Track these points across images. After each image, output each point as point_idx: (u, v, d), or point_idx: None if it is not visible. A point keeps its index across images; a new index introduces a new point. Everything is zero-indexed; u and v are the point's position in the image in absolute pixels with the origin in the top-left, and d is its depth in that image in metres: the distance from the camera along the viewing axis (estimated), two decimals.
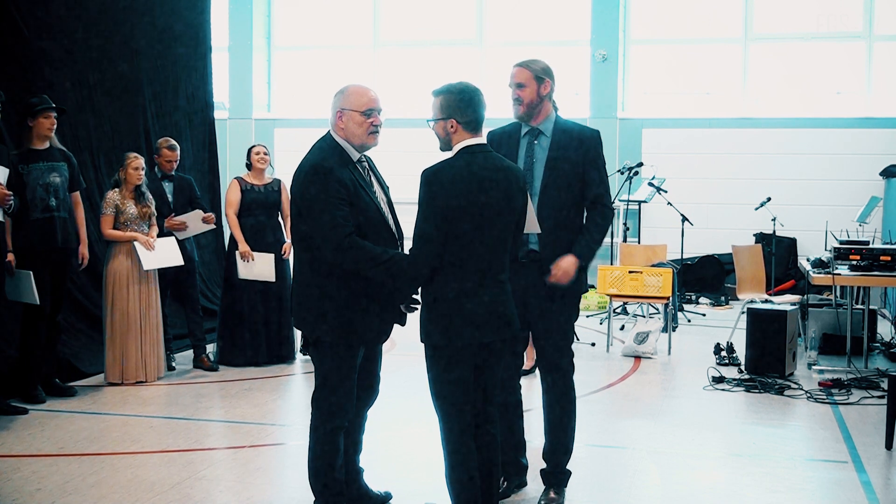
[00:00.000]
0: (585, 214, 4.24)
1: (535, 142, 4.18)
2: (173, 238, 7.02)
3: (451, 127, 3.65)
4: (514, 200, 3.68)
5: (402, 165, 12.71)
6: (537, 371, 6.79)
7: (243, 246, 7.35)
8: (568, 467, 4.36)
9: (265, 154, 7.57)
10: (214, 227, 7.64)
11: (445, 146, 3.72)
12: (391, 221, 3.90)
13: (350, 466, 4.13)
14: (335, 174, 3.67)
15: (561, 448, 4.29)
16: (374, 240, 3.74)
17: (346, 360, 3.81)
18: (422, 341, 3.69)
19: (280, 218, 7.62)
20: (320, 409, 3.84)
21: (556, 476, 4.31)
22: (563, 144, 4.15)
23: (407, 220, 3.99)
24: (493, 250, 3.64)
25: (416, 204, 3.65)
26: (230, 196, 7.49)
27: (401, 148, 12.58)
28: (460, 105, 3.64)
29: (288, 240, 7.52)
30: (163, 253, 6.85)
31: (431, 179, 3.59)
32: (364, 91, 3.81)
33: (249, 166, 7.57)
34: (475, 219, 3.57)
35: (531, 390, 6.52)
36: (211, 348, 7.63)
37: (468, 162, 3.62)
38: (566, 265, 4.07)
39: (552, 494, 4.27)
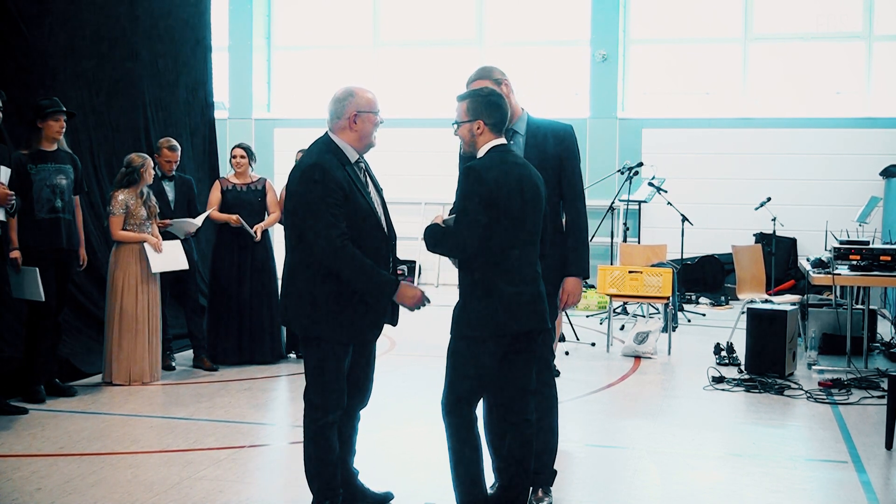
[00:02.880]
0: (564, 217, 4.26)
1: (511, 142, 4.20)
2: (178, 242, 7.02)
3: (478, 128, 3.83)
4: (541, 196, 3.86)
5: (403, 165, 12.79)
6: None
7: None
8: (559, 467, 4.35)
9: (241, 157, 7.54)
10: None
11: (471, 147, 3.88)
12: (384, 223, 3.95)
13: (345, 468, 4.14)
14: (332, 174, 3.74)
15: (547, 448, 4.24)
16: (367, 240, 3.81)
17: (337, 357, 3.85)
18: (458, 334, 3.77)
19: (267, 216, 7.60)
20: (312, 406, 3.89)
21: (544, 476, 4.26)
22: (538, 142, 4.19)
23: (408, 220, 4.01)
24: (532, 243, 3.83)
25: (416, 204, 3.70)
26: (210, 196, 7.56)
27: (401, 148, 12.60)
28: (488, 107, 3.82)
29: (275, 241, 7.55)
30: (170, 256, 6.85)
31: (481, 173, 3.71)
32: (368, 91, 3.96)
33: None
34: (518, 212, 3.74)
35: None
36: None
37: (503, 159, 3.79)
38: (571, 287, 4.17)
39: (540, 494, 4.25)
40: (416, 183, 12.62)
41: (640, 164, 10.68)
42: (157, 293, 6.83)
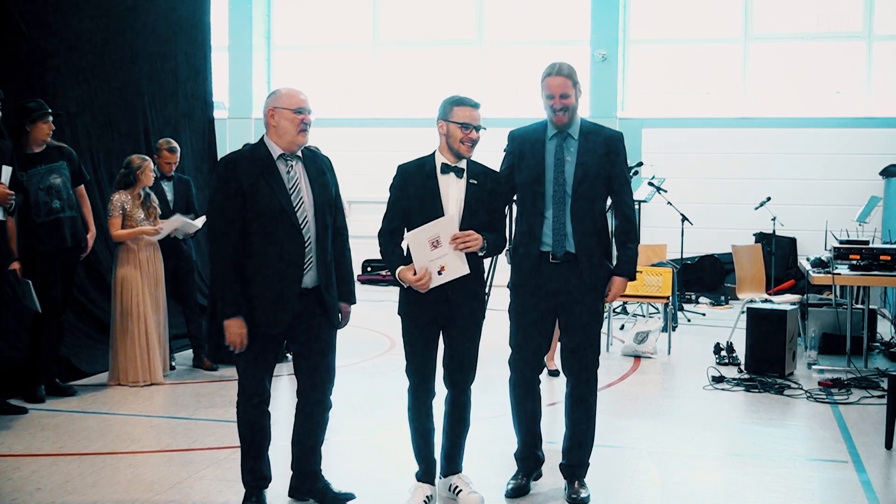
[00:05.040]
0: (614, 221, 4.39)
1: (564, 145, 4.27)
2: (178, 215, 7.01)
3: None
4: None
5: None
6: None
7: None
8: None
9: None
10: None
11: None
12: (301, 219, 3.91)
13: (305, 469, 4.28)
14: (236, 166, 3.85)
15: (584, 445, 4.40)
16: (272, 232, 3.84)
17: (251, 347, 3.98)
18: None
19: None
20: (239, 391, 4.10)
21: (579, 469, 4.41)
22: (590, 147, 4.26)
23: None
24: None
25: None
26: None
27: (402, 148, 12.58)
28: None
29: None
30: (174, 225, 6.86)
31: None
32: (295, 93, 3.97)
33: None
34: None
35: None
36: None
37: None
38: (617, 288, 4.31)
39: (576, 486, 4.37)
40: None
41: (640, 164, 10.65)
42: (160, 293, 6.82)
